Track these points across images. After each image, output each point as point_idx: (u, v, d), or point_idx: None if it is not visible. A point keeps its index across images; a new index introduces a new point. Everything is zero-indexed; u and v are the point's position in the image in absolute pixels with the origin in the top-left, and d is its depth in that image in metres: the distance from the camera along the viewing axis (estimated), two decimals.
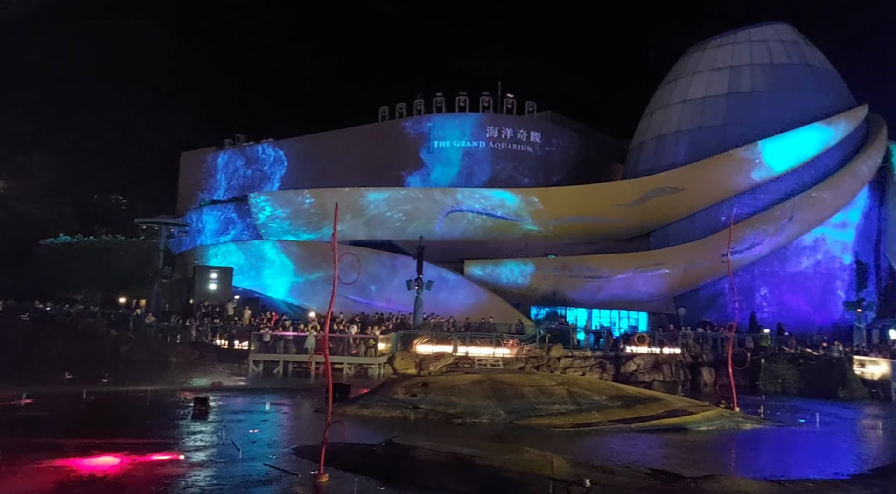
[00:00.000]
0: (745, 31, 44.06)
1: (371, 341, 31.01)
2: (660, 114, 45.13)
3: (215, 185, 56.51)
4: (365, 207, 42.36)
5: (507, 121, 48.22)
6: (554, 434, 17.47)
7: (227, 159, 56.62)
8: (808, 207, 39.55)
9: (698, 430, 18.89)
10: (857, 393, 29.04)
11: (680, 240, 41.48)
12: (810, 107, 41.01)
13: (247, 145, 56.48)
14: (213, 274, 39.43)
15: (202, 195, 56.73)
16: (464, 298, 39.28)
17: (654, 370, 31.63)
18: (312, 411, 19.83)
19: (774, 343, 34.41)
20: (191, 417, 17.47)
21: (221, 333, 33.65)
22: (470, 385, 20.17)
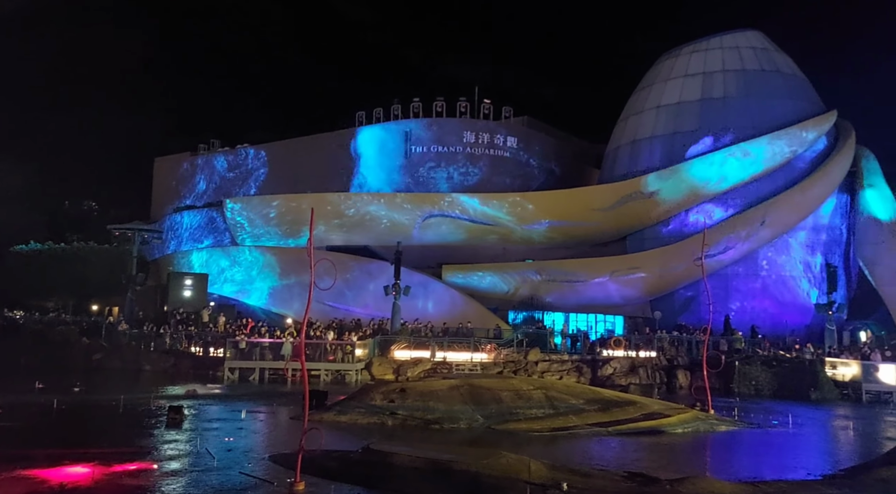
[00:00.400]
0: (718, 38, 44.77)
1: (348, 347, 30.85)
2: (634, 119, 45.64)
3: (190, 190, 55.89)
4: (341, 212, 42.19)
5: (484, 126, 48.39)
6: (531, 438, 17.50)
7: (201, 165, 56.03)
8: (779, 211, 40.23)
9: (674, 433, 19.05)
10: (829, 395, 29.55)
11: (655, 244, 41.95)
12: (781, 112, 41.80)
13: (222, 151, 55.96)
14: (188, 281, 38.98)
15: (176, 201, 56.08)
16: (441, 303, 39.27)
17: (631, 374, 31.88)
18: (289, 418, 19.65)
19: (748, 346, 34.89)
20: (165, 426, 17.21)
21: (196, 340, 33.26)
22: (447, 391, 20.14)
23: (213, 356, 32.05)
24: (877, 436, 20.22)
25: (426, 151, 47.61)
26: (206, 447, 14.53)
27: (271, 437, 17.27)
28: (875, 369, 29.66)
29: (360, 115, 50.30)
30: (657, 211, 42.24)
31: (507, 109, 50.26)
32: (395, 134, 48.13)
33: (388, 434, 17.33)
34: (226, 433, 16.72)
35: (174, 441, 15.56)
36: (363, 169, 48.57)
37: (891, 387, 29.07)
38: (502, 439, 16.90)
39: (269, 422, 19.66)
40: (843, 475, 13.85)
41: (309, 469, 12.00)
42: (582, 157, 53.41)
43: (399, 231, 41.86)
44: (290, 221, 42.02)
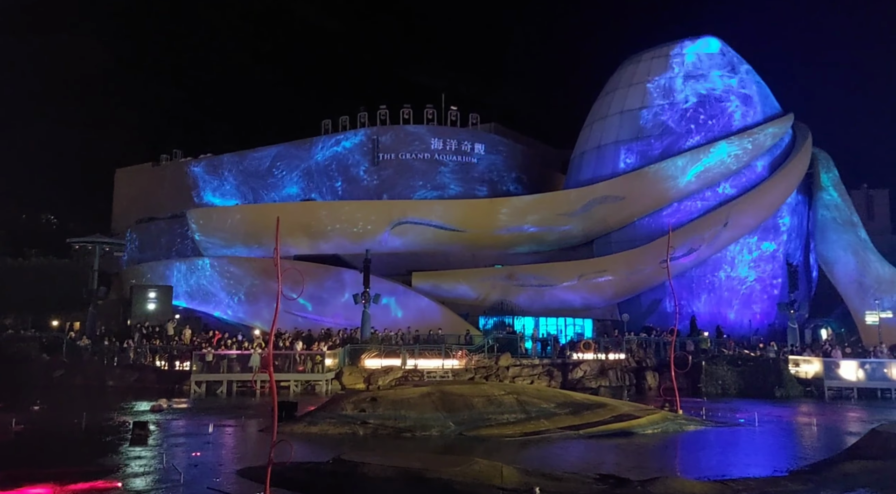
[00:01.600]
0: (678, 44, 45.60)
1: (318, 357, 30.51)
2: (599, 125, 46.19)
3: (152, 201, 54.86)
4: (309, 221, 41.82)
5: (451, 133, 48.49)
6: (504, 443, 17.51)
7: (164, 175, 55.08)
8: (741, 212, 41.06)
9: (644, 434, 19.24)
10: (793, 392, 30.18)
11: (622, 247, 42.43)
12: (740, 116, 42.77)
13: (185, 161, 55.10)
14: (152, 293, 38.21)
15: (138, 212, 54.99)
16: (412, 310, 39.10)
17: (601, 376, 32.14)
18: (258, 431, 19.34)
19: (714, 346, 35.47)
20: (129, 442, 16.78)
21: (161, 354, 32.59)
22: (419, 398, 20.05)
23: (178, 369, 31.42)
24: (839, 432, 20.68)
25: (394, 158, 47.52)
26: (172, 462, 14.21)
27: (240, 451, 16.97)
28: (836, 365, 30.37)
29: (326, 123, 50.05)
30: (623, 215, 42.77)
31: (473, 116, 50.51)
32: (363, 141, 47.94)
33: (359, 443, 17.17)
34: (193, 447, 16.39)
35: (139, 457, 15.19)
36: (330, 177, 48.25)
37: (851, 383, 29.79)
38: (475, 445, 16.86)
39: (238, 435, 19.32)
40: (808, 470, 14.14)
41: (278, 482, 11.82)
42: (548, 162, 53.87)
43: (368, 239, 41.65)
44: (256, 230, 41.48)
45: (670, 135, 42.78)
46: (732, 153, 41.63)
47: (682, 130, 42.67)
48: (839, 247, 41.41)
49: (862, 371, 30.02)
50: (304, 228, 41.35)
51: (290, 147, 50.14)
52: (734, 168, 41.92)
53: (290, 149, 50.06)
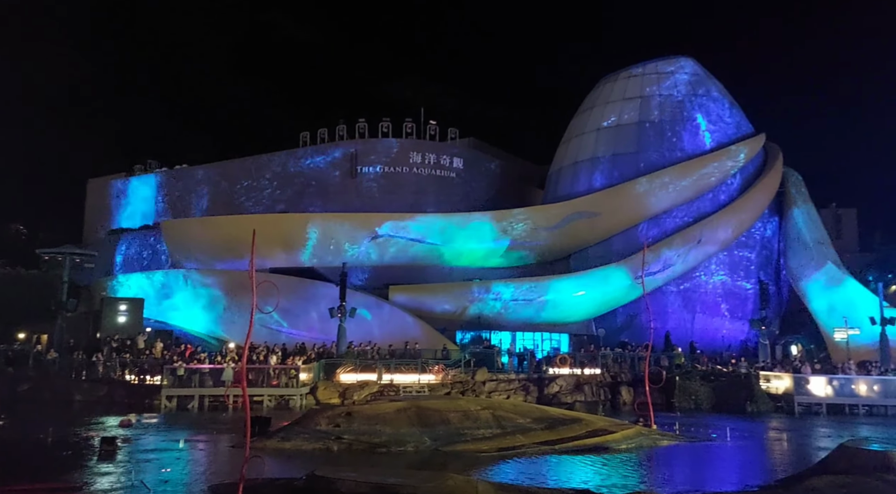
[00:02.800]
0: (654, 64, 46.40)
1: (292, 371, 30.20)
2: (576, 141, 46.71)
3: (125, 212, 54.14)
4: (285, 233, 41.54)
5: (429, 147, 48.65)
6: (479, 458, 17.44)
7: (138, 186, 54.40)
8: (714, 230, 41.71)
9: (618, 449, 19.30)
10: (764, 407, 30.54)
11: (598, 262, 42.78)
12: (714, 136, 43.60)
13: (160, 171, 54.51)
14: (123, 306, 37.55)
15: (111, 223, 54.20)
16: (388, 325, 38.93)
17: (576, 391, 32.23)
18: (230, 446, 19.03)
19: (687, 361, 35.79)
20: (97, 458, 16.44)
21: (131, 368, 32.01)
22: (394, 413, 19.91)
23: (149, 383, 30.88)
24: (809, 447, 20.95)
25: (372, 171, 47.54)
26: (140, 479, 13.93)
27: (211, 467, 16.69)
28: (806, 381, 30.84)
29: (305, 135, 49.94)
30: (599, 230, 43.18)
31: (452, 131, 50.75)
32: (341, 155, 47.89)
33: (333, 459, 16.98)
34: (163, 463, 16.09)
35: (107, 473, 14.87)
36: (308, 189, 48.08)
37: (821, 399, 30.26)
38: (450, 460, 16.78)
39: (209, 451, 19.00)
40: (778, 485, 14.28)
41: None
42: (526, 178, 54.25)
43: (344, 252, 41.48)
44: (231, 243, 41.06)
45: (645, 152, 43.40)
46: (706, 172, 42.34)
47: (656, 147, 43.34)
48: (809, 265, 42.19)
49: (830, 387, 30.51)
50: (281, 240, 41.08)
51: (268, 159, 49.88)
52: (707, 186, 42.61)
53: (268, 161, 49.80)
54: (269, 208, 48.07)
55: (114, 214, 54.62)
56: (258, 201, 49.21)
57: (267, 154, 50.28)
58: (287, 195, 48.38)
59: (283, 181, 48.69)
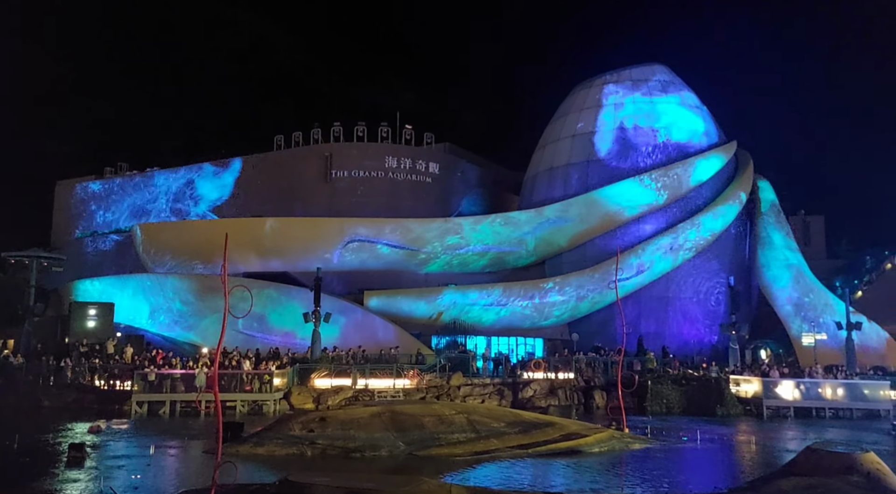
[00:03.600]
0: (627, 71, 47.00)
1: (266, 376, 29.96)
2: (551, 147, 47.09)
3: (95, 215, 53.26)
4: (258, 237, 41.21)
5: (405, 151, 48.68)
6: (454, 463, 17.49)
7: (108, 188, 53.55)
8: (685, 236, 42.32)
9: (591, 452, 19.49)
10: (734, 411, 31.01)
11: (572, 268, 43.15)
12: (686, 142, 44.28)
13: (131, 174, 53.73)
14: (92, 310, 36.89)
15: (80, 226, 53.26)
16: (363, 329, 38.79)
17: (550, 395, 32.43)
18: (202, 452, 18.82)
19: (660, 366, 36.21)
20: (65, 465, 16.16)
21: (101, 373, 31.46)
22: (369, 418, 19.88)
23: (119, 389, 30.38)
24: (776, 449, 21.34)
25: (347, 175, 47.42)
26: (110, 486, 13.72)
27: (182, 473, 16.51)
28: (774, 385, 31.39)
29: (279, 138, 49.68)
30: (574, 236, 43.56)
31: (428, 136, 50.85)
32: (316, 158, 47.68)
33: (307, 464, 16.90)
34: (133, 470, 15.87)
35: (75, 480, 14.64)
36: (282, 193, 47.78)
37: (788, 402, 30.82)
38: (424, 465, 16.80)
39: (181, 457, 18.78)
40: (746, 487, 14.54)
41: None
42: (502, 183, 54.53)
43: (319, 257, 41.26)
44: (204, 247, 40.63)
45: (619, 159, 43.92)
46: (678, 178, 42.96)
47: (629, 154, 43.87)
48: (778, 271, 43.00)
49: (798, 391, 31.10)
50: (254, 245, 40.75)
51: (242, 162, 49.48)
52: (680, 193, 43.24)
53: (242, 164, 49.40)
54: (242, 212, 47.65)
55: (83, 216, 53.68)
56: (231, 204, 48.78)
57: (241, 157, 49.89)
58: (260, 199, 48.02)
59: (257, 185, 48.32)
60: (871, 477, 13.46)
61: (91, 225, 52.94)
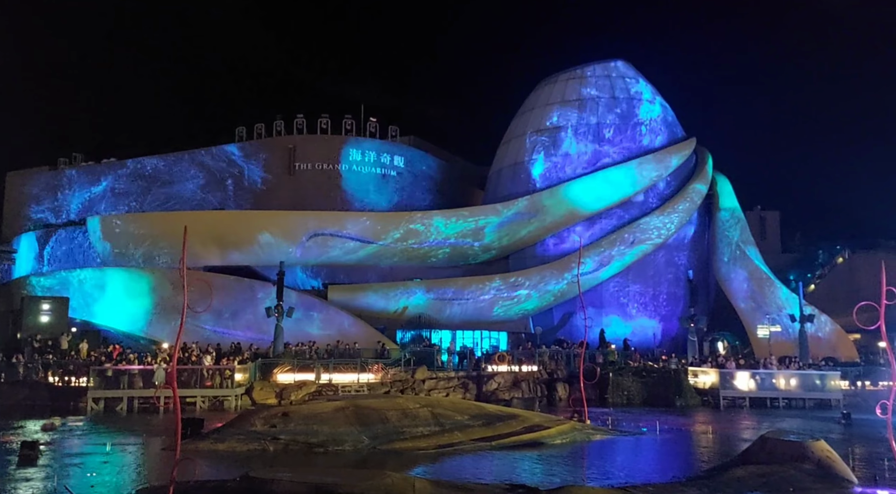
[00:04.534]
0: (591, 67, 47.45)
1: (227, 371, 29.54)
2: (516, 143, 47.32)
3: (49, 207, 51.67)
4: (220, 231, 40.52)
5: (370, 144, 48.36)
6: (418, 456, 17.52)
7: (62, 180, 51.96)
8: (646, 231, 43.05)
9: (553, 443, 19.73)
10: (692, 401, 31.74)
11: (536, 262, 43.52)
12: (648, 138, 44.97)
13: (86, 165, 52.23)
14: (45, 305, 35.90)
15: (33, 219, 51.60)
16: (327, 324, 38.53)
17: (514, 388, 32.69)
18: (160, 449, 18.49)
19: (621, 358, 36.80)
20: (17, 463, 15.72)
21: (55, 369, 30.66)
22: (332, 413, 19.77)
23: (74, 385, 29.67)
24: (732, 439, 21.89)
25: (311, 168, 46.91)
26: (64, 484, 13.39)
27: (140, 470, 16.20)
28: (731, 376, 32.20)
29: (241, 130, 48.85)
30: (537, 231, 43.91)
31: (393, 129, 50.56)
32: (279, 150, 47.05)
33: (269, 460, 16.74)
34: (89, 468, 15.52)
35: (28, 479, 14.24)
36: (244, 186, 47.07)
37: (744, 393, 31.64)
38: (388, 459, 16.80)
39: (138, 454, 18.43)
40: (703, 475, 14.91)
41: None
42: (467, 178, 54.60)
43: (282, 251, 40.80)
44: (163, 240, 39.81)
45: (582, 154, 44.39)
46: (640, 174, 43.61)
47: (593, 149, 44.37)
48: (734, 265, 44.02)
49: (753, 382, 31.95)
50: (215, 238, 40.03)
51: (203, 154, 48.56)
52: (641, 188, 43.91)
53: (203, 156, 48.48)
54: (203, 205, 46.79)
55: (36, 209, 52.06)
56: (191, 197, 47.80)
57: (202, 149, 48.93)
58: (222, 192, 47.24)
59: (218, 177, 47.51)
60: (822, 464, 13.93)
61: (44, 217, 51.35)
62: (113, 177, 50.21)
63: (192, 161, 48.40)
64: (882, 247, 49.53)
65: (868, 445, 19.60)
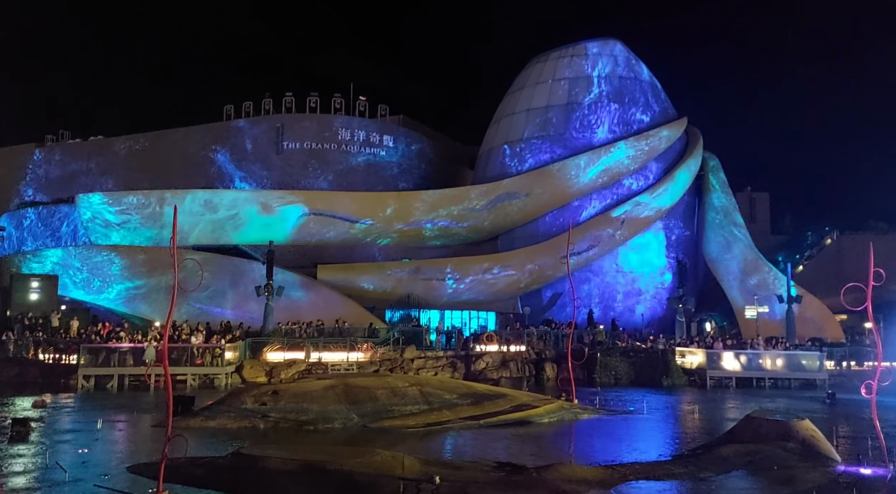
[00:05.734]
0: (583, 46, 47.19)
1: (217, 350, 29.60)
2: (506, 122, 47.16)
3: (36, 184, 51.21)
4: (209, 210, 40.31)
5: (359, 124, 48.04)
6: (406, 434, 17.68)
7: (50, 157, 51.47)
8: (636, 211, 43.18)
9: (541, 422, 19.95)
10: (679, 381, 32.12)
11: (525, 243, 43.62)
12: (639, 118, 44.94)
13: (73, 142, 51.67)
14: (35, 283, 35.73)
15: (20, 196, 51.14)
16: (317, 303, 38.53)
17: (502, 367, 32.94)
18: (151, 426, 18.57)
19: (609, 338, 37.11)
20: (8, 440, 15.75)
21: (45, 347, 30.60)
22: (322, 391, 19.89)
23: (64, 363, 29.65)
24: (718, 418, 22.21)
25: (299, 147, 46.60)
26: (56, 460, 13.45)
27: (131, 447, 16.28)
28: (718, 357, 32.57)
29: (229, 108, 48.39)
30: (527, 211, 43.94)
31: (382, 108, 50.20)
32: (267, 129, 46.67)
33: (259, 437, 16.87)
34: (80, 445, 15.57)
35: (19, 455, 14.29)
36: (232, 164, 46.73)
37: (731, 373, 32.03)
38: (377, 437, 16.94)
39: (129, 431, 18.51)
40: (689, 454, 15.15)
41: (173, 478, 11.46)
42: (456, 158, 54.42)
43: (271, 230, 40.65)
44: (152, 218, 39.61)
45: (573, 134, 44.33)
46: (630, 154, 43.65)
47: (584, 129, 44.31)
48: (724, 246, 44.32)
49: (739, 362, 32.33)
50: (205, 216, 39.84)
51: (191, 132, 48.12)
52: (632, 168, 43.97)
53: (191, 134, 48.04)
54: (192, 183, 46.43)
55: (24, 185, 51.57)
56: (179, 175, 47.39)
57: (190, 127, 48.47)
58: (210, 170, 46.89)
59: (206, 156, 47.12)
60: (806, 443, 14.18)
61: (32, 195, 50.90)
62: (101, 154, 49.73)
63: (180, 139, 47.97)
64: (870, 228, 50.02)
65: (852, 424, 19.95)
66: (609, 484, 12.26)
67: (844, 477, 12.69)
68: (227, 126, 47.65)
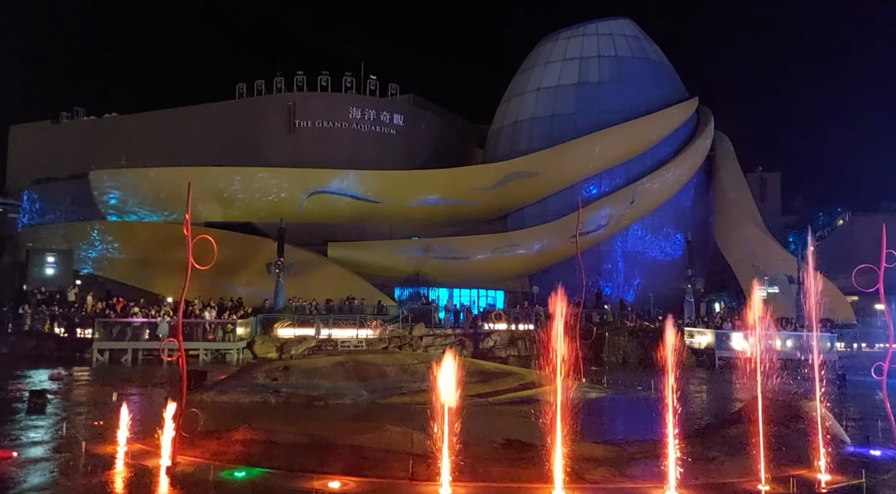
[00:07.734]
0: (594, 25, 46.70)
1: (229, 326, 29.95)
2: (516, 101, 46.87)
3: (52, 161, 51.50)
4: (221, 187, 40.50)
5: (370, 102, 47.90)
6: (416, 411, 17.87)
7: (64, 133, 51.71)
8: (646, 191, 42.97)
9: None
10: (687, 362, 32.14)
11: (534, 222, 43.60)
12: (650, 98, 44.52)
13: (88, 119, 51.86)
14: (51, 258, 36.18)
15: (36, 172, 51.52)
16: (327, 280, 38.81)
17: (510, 346, 33.15)
18: (165, 399, 18.86)
19: (617, 318, 37.19)
20: (26, 411, 16.10)
21: (61, 321, 31.08)
22: (332, 367, 20.12)
23: (80, 337, 30.13)
24: (726, 398, 22.30)
25: (311, 125, 46.55)
26: (72, 431, 13.75)
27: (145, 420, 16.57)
28: (727, 337, 32.58)
29: (241, 86, 48.36)
30: (536, 190, 43.83)
31: (393, 87, 50.01)
32: (279, 107, 46.63)
33: (270, 412, 17.11)
34: (95, 417, 15.89)
35: (37, 426, 14.63)
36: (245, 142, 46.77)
37: (740, 354, 32.02)
38: (387, 413, 17.13)
39: (143, 405, 18.83)
40: (696, 434, 15.25)
41: (186, 451, 11.71)
42: (466, 136, 54.22)
43: (283, 208, 40.82)
44: (165, 195, 39.85)
45: (583, 113, 44.02)
46: (641, 134, 43.34)
47: (594, 109, 43.97)
48: (734, 226, 44.10)
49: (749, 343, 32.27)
50: (217, 194, 40.06)
51: (203, 110, 48.16)
52: (642, 148, 43.69)
53: (203, 112, 48.08)
54: (204, 161, 46.58)
55: (40, 161, 51.93)
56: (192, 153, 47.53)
57: (202, 105, 48.50)
58: (222, 148, 46.96)
59: (218, 133, 47.19)
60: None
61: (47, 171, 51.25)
62: (115, 131, 49.91)
63: (193, 117, 48.05)
64: (883, 209, 49.56)
65: (862, 406, 19.97)
66: (617, 463, 12.39)
67: (854, 458, 12.75)
68: (239, 104, 47.60)
